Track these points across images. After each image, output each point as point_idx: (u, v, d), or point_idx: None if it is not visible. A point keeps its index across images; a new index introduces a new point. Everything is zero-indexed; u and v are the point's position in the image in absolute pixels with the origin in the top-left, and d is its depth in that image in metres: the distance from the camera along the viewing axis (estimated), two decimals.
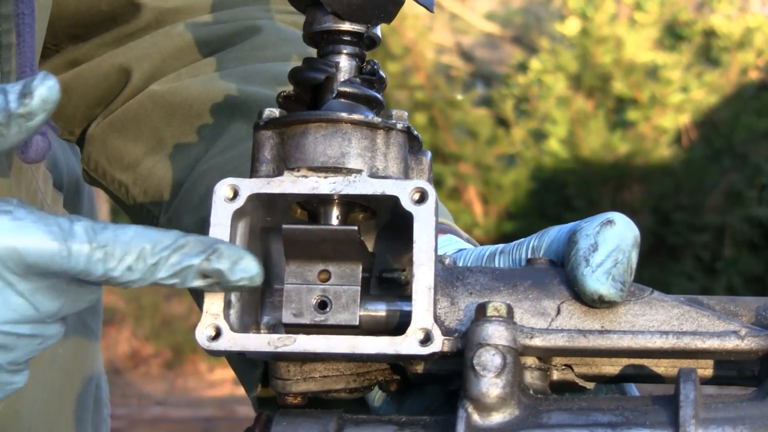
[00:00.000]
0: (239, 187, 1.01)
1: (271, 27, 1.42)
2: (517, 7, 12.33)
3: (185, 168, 1.36)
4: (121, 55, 1.42)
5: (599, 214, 1.04)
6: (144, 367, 9.22)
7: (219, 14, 1.42)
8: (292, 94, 1.07)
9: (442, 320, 1.02)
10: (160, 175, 1.38)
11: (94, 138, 1.45)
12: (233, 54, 1.40)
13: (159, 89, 1.39)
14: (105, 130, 1.44)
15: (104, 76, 1.43)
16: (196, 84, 1.38)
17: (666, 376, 1.02)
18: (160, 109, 1.39)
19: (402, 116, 1.06)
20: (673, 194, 9.53)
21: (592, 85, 9.61)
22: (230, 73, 1.38)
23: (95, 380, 1.59)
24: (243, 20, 1.42)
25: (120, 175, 1.42)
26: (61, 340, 0.99)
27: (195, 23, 1.41)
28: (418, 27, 9.96)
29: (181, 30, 1.41)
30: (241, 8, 1.43)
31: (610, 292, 1.00)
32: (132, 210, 1.43)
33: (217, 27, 1.41)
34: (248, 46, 1.40)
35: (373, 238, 1.09)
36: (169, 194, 1.37)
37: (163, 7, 1.41)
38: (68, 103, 1.45)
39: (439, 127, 9.68)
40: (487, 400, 0.95)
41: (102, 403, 1.63)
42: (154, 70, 1.41)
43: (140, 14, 1.41)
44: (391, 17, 1.06)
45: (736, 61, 9.61)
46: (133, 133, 1.41)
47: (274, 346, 0.98)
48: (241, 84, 1.36)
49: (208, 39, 1.41)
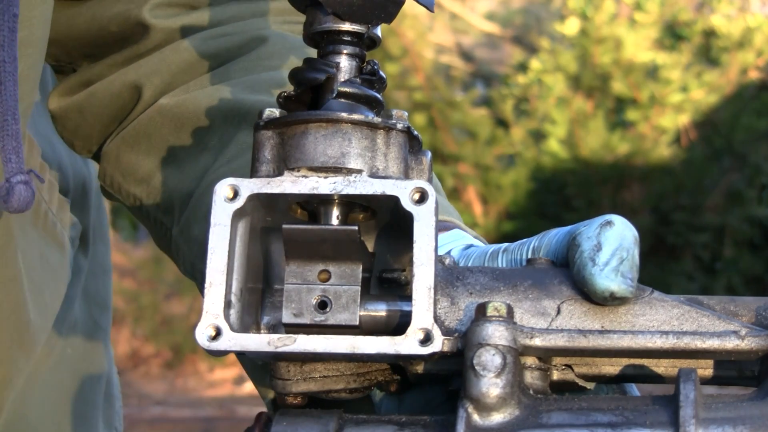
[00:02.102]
0: (239, 187, 1.01)
1: (277, 36, 1.43)
2: (517, 7, 12.33)
3: (194, 179, 1.37)
4: (132, 73, 1.43)
5: (596, 218, 1.04)
6: (144, 367, 9.22)
7: (226, 27, 1.43)
8: (293, 94, 1.07)
9: (442, 320, 1.03)
10: (171, 187, 1.39)
11: (108, 154, 1.46)
12: (240, 64, 1.41)
13: (167, 102, 1.41)
14: (118, 145, 1.45)
15: (117, 94, 1.44)
16: (203, 95, 1.39)
17: (666, 376, 1.02)
18: (169, 121, 1.40)
19: (402, 116, 1.06)
20: (672, 194, 9.53)
21: (592, 85, 9.61)
22: (236, 83, 1.39)
23: (105, 377, 1.60)
24: (249, 31, 1.43)
25: (134, 189, 1.43)
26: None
27: (203, 36, 1.42)
28: (417, 27, 9.96)
29: (188, 44, 1.42)
30: (248, 20, 1.44)
31: (621, 288, 1.00)
32: (147, 223, 1.45)
33: (224, 39, 1.42)
34: (254, 56, 1.41)
35: (373, 238, 1.09)
36: (179, 206, 1.38)
37: (172, 27, 1.42)
38: (84, 122, 1.47)
39: (438, 128, 9.68)
40: (487, 400, 0.95)
41: (114, 396, 1.64)
42: (164, 85, 1.42)
43: (149, 35, 1.42)
44: (391, 17, 1.06)
45: (736, 61, 9.61)
46: (144, 147, 1.42)
47: (274, 345, 0.99)
48: (247, 93, 1.37)
49: (216, 51, 1.42)
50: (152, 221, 1.43)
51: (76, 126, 1.46)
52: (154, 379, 9.10)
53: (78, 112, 1.45)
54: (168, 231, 1.40)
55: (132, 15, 1.41)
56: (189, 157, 1.39)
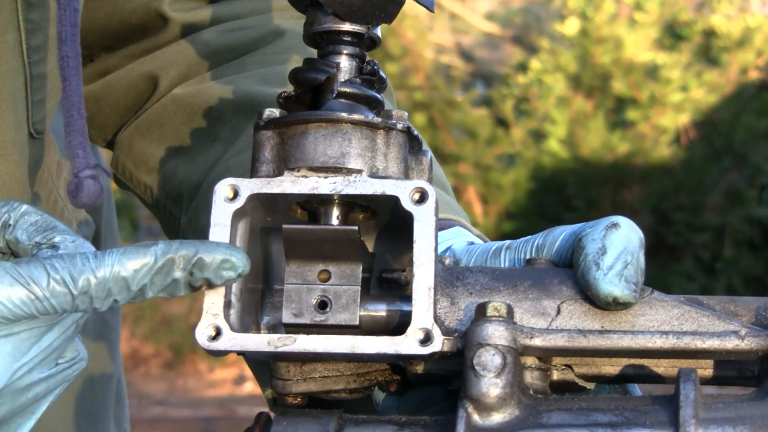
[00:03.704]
0: (239, 187, 1.01)
1: (293, 31, 1.44)
2: (517, 7, 12.32)
3: (204, 169, 1.38)
4: (149, 63, 1.45)
5: (602, 219, 1.04)
6: (144, 367, 9.22)
7: (243, 21, 1.44)
8: (293, 94, 1.07)
9: (442, 320, 1.02)
10: (181, 176, 1.40)
11: (121, 142, 1.48)
12: (255, 57, 1.42)
13: (181, 92, 1.42)
14: (131, 134, 1.47)
15: (133, 85, 1.46)
16: (217, 86, 1.40)
17: (666, 376, 1.02)
18: (182, 111, 1.41)
19: (402, 116, 1.06)
20: (673, 194, 9.52)
21: (592, 85, 9.61)
22: (251, 75, 1.40)
23: (116, 377, 1.60)
24: (266, 26, 1.44)
25: (145, 178, 1.45)
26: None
27: (219, 29, 1.44)
28: (417, 27, 9.96)
29: (206, 37, 1.43)
30: (265, 15, 1.45)
31: (624, 294, 1.00)
32: (156, 212, 1.47)
33: (241, 33, 1.43)
34: (270, 50, 1.42)
35: (373, 239, 1.09)
36: (188, 195, 1.39)
37: (190, 20, 1.43)
38: (100, 111, 1.49)
39: (438, 128, 9.68)
40: (487, 400, 0.95)
41: (123, 396, 1.64)
42: (180, 76, 1.44)
43: (168, 27, 1.44)
44: (391, 17, 1.06)
45: (735, 61, 9.61)
46: (157, 135, 1.44)
47: (274, 345, 0.99)
48: (261, 85, 1.37)
49: (233, 44, 1.43)
50: (161, 210, 1.45)
51: (92, 115, 1.47)
52: (154, 379, 9.10)
53: (94, 101, 1.47)
54: (176, 220, 1.42)
55: (152, 7, 1.43)
56: (200, 147, 1.40)
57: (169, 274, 0.95)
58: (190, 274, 0.96)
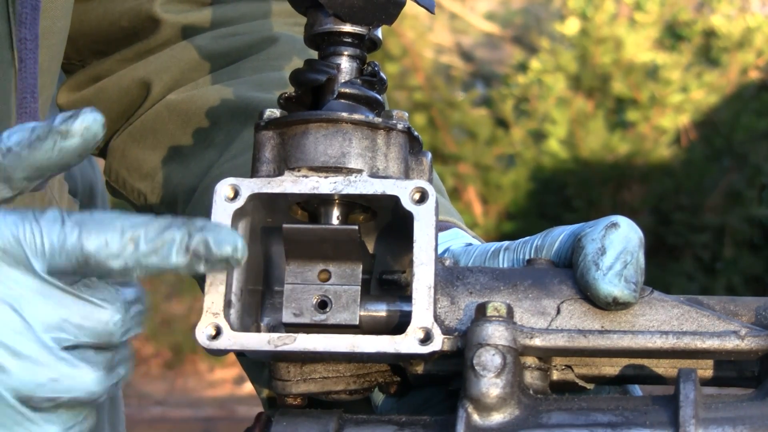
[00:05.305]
0: (240, 186, 1.01)
1: (287, 37, 1.43)
2: (517, 7, 12.32)
3: (199, 174, 1.37)
4: (141, 69, 1.44)
5: (602, 218, 1.04)
6: (144, 367, 9.22)
7: (237, 27, 1.43)
8: (293, 95, 1.07)
9: (442, 320, 1.03)
10: (175, 182, 1.40)
11: (114, 149, 1.47)
12: (249, 63, 1.42)
13: (175, 98, 1.42)
14: (124, 140, 1.46)
15: (125, 90, 1.45)
16: (211, 92, 1.40)
17: (666, 376, 1.02)
18: (176, 117, 1.41)
19: (402, 117, 1.06)
20: (672, 194, 9.52)
21: (592, 86, 9.61)
22: (245, 81, 1.40)
23: None
24: (260, 32, 1.43)
25: (139, 184, 1.44)
26: None
27: (213, 35, 1.44)
28: (417, 27, 9.96)
29: (199, 42, 1.43)
30: (259, 21, 1.45)
31: (624, 294, 1.00)
32: None
33: (234, 39, 1.43)
34: (264, 56, 1.42)
35: (374, 240, 1.09)
36: (183, 201, 1.39)
37: (182, 22, 1.43)
38: None
39: (438, 128, 9.68)
40: (487, 400, 0.95)
41: (119, 399, 1.63)
42: (173, 82, 1.43)
43: (160, 30, 1.43)
44: (392, 19, 1.06)
45: (736, 61, 9.61)
46: (150, 142, 1.43)
47: (274, 344, 0.99)
48: (255, 91, 1.37)
49: (226, 50, 1.43)
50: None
51: None
52: (154, 379, 9.10)
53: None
54: None
55: (143, 9, 1.43)
56: (194, 152, 1.39)
57: (167, 230, 0.89)
58: (188, 235, 0.89)
